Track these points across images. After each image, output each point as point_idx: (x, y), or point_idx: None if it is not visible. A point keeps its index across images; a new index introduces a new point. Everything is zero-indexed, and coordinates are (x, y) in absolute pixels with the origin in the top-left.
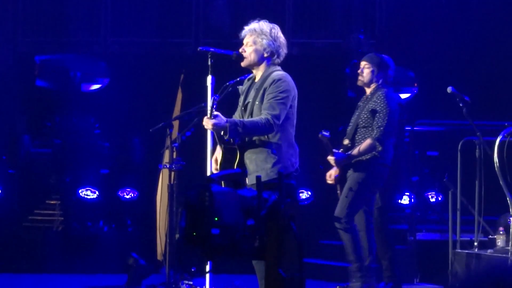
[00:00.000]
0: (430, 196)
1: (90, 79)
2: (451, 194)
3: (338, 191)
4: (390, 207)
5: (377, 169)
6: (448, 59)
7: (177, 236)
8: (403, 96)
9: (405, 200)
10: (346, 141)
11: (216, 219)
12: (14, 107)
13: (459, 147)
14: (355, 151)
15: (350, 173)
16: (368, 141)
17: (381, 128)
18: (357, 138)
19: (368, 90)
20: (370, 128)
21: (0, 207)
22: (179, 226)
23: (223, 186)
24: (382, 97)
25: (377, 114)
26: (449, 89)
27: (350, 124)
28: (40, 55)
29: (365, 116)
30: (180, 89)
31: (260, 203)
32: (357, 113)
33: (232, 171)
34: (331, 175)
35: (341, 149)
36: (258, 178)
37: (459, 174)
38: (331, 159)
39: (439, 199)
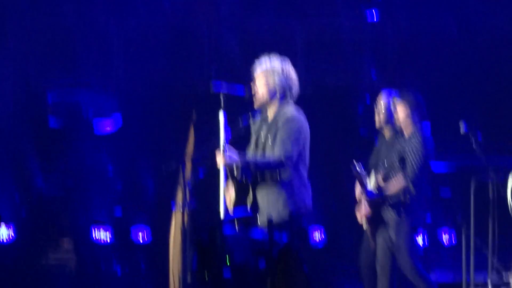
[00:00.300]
0: (443, 236)
1: (102, 116)
2: (464, 234)
3: (366, 228)
4: (404, 245)
5: (414, 209)
6: (461, 94)
7: (189, 278)
8: None
9: (418, 240)
10: (379, 179)
11: (227, 262)
12: (26, 147)
13: (472, 188)
14: (388, 191)
15: (388, 215)
16: (401, 181)
17: (415, 168)
18: (390, 178)
19: (387, 131)
20: (402, 168)
21: (12, 248)
22: (191, 268)
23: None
24: (416, 137)
25: (410, 154)
26: (462, 130)
27: (381, 163)
28: (53, 94)
29: (397, 155)
30: (192, 127)
31: (271, 245)
32: (389, 152)
33: (244, 213)
34: (362, 214)
35: (374, 189)
36: (270, 220)
37: (472, 215)
38: (362, 196)
39: (453, 239)
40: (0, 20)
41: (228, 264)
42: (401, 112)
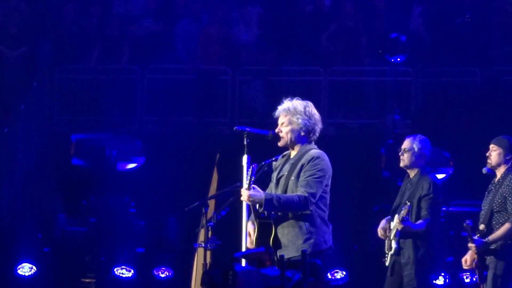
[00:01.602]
0: (465, 277)
1: (125, 158)
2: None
3: (476, 276)
4: (425, 287)
5: None
6: (483, 139)
7: None
8: (439, 176)
9: (440, 280)
10: (482, 226)
11: None
12: (50, 185)
13: None
14: (493, 236)
15: (491, 259)
16: (506, 226)
17: None
18: (493, 223)
19: (498, 173)
20: (504, 213)
21: (35, 285)
22: None
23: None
24: (509, 178)
25: (511, 199)
26: (484, 170)
27: (484, 208)
28: (76, 134)
29: (499, 201)
30: (215, 169)
31: (283, 282)
32: (490, 197)
33: (256, 250)
34: (467, 260)
35: (478, 235)
36: (281, 257)
37: None
38: (472, 246)
39: (474, 279)
40: (26, 63)
41: None
42: (493, 152)
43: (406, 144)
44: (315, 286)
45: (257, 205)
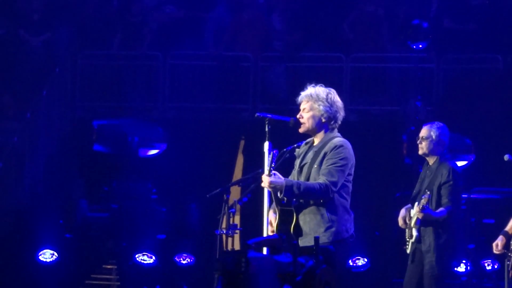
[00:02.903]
0: (486, 264)
1: (147, 144)
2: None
3: (509, 262)
4: (446, 274)
5: None
6: (505, 126)
7: None
8: (460, 163)
9: (461, 267)
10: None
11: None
12: (71, 171)
13: None
14: None
15: None
16: None
17: None
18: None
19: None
20: None
21: (57, 271)
22: None
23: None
24: None
25: None
26: (506, 157)
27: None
28: (98, 120)
29: None
30: (240, 155)
31: (296, 268)
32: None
33: (269, 237)
34: (499, 245)
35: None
36: (294, 244)
37: None
38: None
39: (495, 267)
40: (48, 49)
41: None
42: None
43: (423, 132)
44: (328, 273)
45: (278, 192)
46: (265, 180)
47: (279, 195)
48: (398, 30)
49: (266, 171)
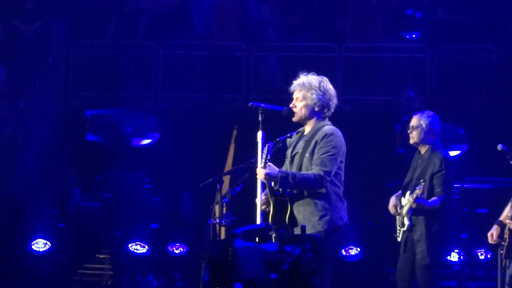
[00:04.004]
0: (479, 253)
1: (140, 133)
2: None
3: (502, 252)
4: (439, 264)
5: None
6: (498, 116)
7: None
8: (453, 153)
9: (454, 257)
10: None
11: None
12: (64, 160)
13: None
14: None
15: None
16: None
17: None
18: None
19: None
20: None
21: (50, 261)
22: (202, 280)
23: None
24: None
25: None
26: (499, 147)
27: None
28: (91, 109)
29: None
30: (232, 145)
31: (282, 257)
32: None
33: (256, 225)
34: (494, 235)
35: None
36: (280, 233)
37: None
38: (510, 223)
39: (488, 256)
40: (41, 39)
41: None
42: None
43: (414, 121)
44: (314, 261)
45: (272, 183)
46: (260, 172)
47: (273, 186)
48: (392, 20)
49: (261, 163)
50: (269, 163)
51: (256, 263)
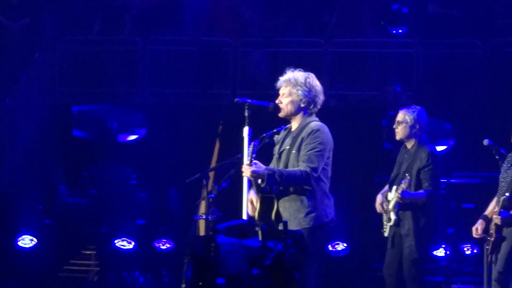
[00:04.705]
0: (465, 249)
1: (127, 129)
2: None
3: (488, 247)
4: (425, 259)
5: None
6: (485, 111)
7: (183, 286)
8: (440, 148)
9: (440, 252)
10: (503, 197)
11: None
12: (51, 157)
13: None
14: None
15: (508, 231)
16: None
17: None
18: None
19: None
20: None
21: (36, 257)
22: (185, 276)
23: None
24: None
25: None
26: (485, 142)
27: (505, 181)
28: (78, 105)
29: None
30: (218, 140)
31: (264, 253)
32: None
33: (238, 221)
34: (478, 229)
35: (500, 206)
36: (263, 228)
37: None
38: (497, 218)
39: (475, 251)
40: (28, 35)
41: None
42: None
43: (399, 116)
44: (296, 257)
45: (259, 180)
46: (246, 170)
47: (260, 183)
48: (379, 15)
49: (247, 161)
50: (255, 161)
51: (238, 258)
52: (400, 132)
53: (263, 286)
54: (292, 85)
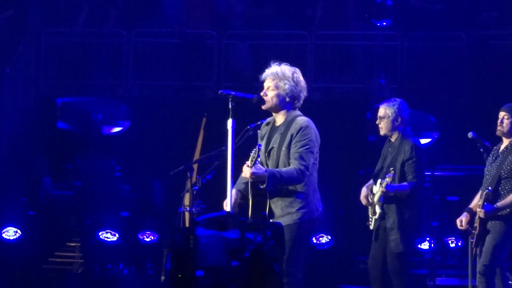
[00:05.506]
0: (450, 241)
1: (111, 121)
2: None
3: (472, 240)
4: (410, 252)
5: None
6: (469, 104)
7: (162, 278)
8: (424, 141)
9: (425, 245)
10: (486, 191)
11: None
12: (35, 148)
13: None
14: (502, 203)
15: (492, 224)
16: None
17: None
18: (500, 189)
19: (506, 141)
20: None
21: (20, 249)
22: (164, 268)
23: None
24: None
25: None
26: (469, 134)
27: (489, 174)
28: (62, 97)
29: (508, 167)
30: (202, 132)
31: (243, 245)
32: (497, 164)
33: (218, 213)
34: (463, 221)
35: (483, 199)
36: (241, 220)
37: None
38: (480, 211)
39: (459, 244)
40: (12, 26)
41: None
42: (505, 120)
43: (380, 111)
44: (276, 249)
45: (259, 182)
46: (247, 171)
47: (260, 185)
48: (363, 8)
49: (249, 162)
50: (257, 164)
51: (217, 251)
52: (383, 127)
53: (243, 278)
54: (279, 79)
